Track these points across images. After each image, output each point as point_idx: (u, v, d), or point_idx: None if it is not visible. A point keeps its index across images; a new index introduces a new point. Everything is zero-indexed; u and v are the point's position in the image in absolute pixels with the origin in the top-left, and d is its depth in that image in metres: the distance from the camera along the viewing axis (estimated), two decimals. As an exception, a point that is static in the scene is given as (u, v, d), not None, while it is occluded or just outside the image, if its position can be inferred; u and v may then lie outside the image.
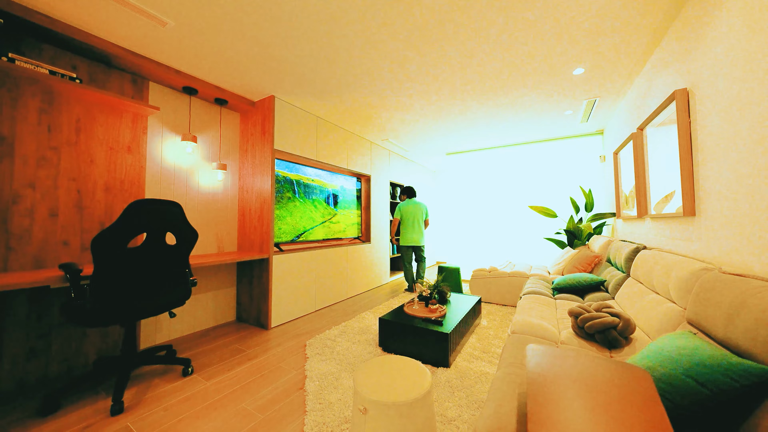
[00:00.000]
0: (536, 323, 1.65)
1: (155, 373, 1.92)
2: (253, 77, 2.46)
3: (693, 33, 1.61)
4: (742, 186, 1.24)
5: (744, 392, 0.74)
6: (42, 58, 1.85)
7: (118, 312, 1.58)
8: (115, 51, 1.99)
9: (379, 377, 1.13)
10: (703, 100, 1.53)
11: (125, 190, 2.21)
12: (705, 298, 1.08)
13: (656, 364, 0.89)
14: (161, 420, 1.46)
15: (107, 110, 2.13)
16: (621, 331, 1.37)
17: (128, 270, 1.59)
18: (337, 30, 1.85)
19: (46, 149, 1.86)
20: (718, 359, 0.81)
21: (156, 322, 2.37)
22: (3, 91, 1.70)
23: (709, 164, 1.49)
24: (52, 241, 1.88)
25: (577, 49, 2.09)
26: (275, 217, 2.94)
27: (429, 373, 1.17)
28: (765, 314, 0.81)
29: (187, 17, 1.74)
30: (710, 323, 1.01)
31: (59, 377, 1.86)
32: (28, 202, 1.79)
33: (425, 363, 2.02)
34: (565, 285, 2.49)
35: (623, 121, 2.97)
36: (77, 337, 1.95)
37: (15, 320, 1.72)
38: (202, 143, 2.73)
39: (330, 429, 1.38)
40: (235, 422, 1.45)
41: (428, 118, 3.44)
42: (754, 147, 1.17)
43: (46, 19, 1.71)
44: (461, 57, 2.15)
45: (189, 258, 2.42)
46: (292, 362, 2.07)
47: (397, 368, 1.20)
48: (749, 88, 1.19)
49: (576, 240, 3.77)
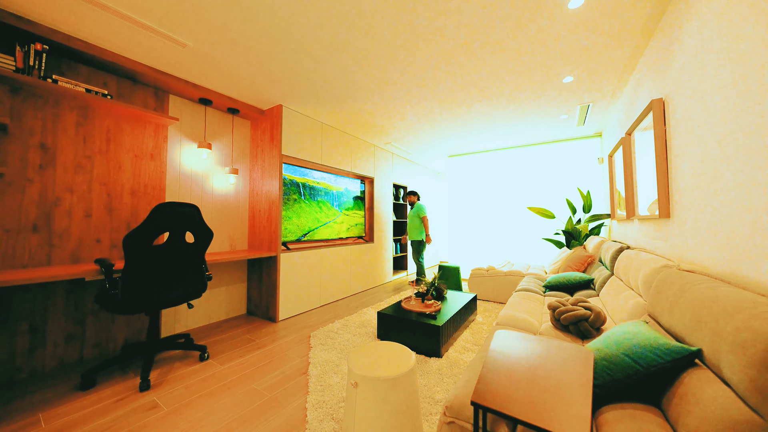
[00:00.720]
0: (519, 316, 1.79)
1: (175, 358, 2.14)
2: (262, 89, 2.67)
3: (667, 46, 1.72)
4: (704, 191, 1.36)
5: (668, 367, 0.87)
6: (78, 77, 2.10)
7: (145, 301, 1.79)
8: (140, 69, 2.22)
9: (370, 358, 1.30)
10: (676, 110, 1.65)
11: (148, 194, 2.44)
12: (658, 291, 1.21)
13: (603, 346, 1.04)
14: (182, 396, 1.67)
15: (133, 121, 2.37)
16: (592, 323, 1.50)
17: (154, 265, 1.81)
18: (339, 50, 2.03)
19: (82, 157, 2.10)
20: (651, 341, 0.95)
21: (175, 313, 2.60)
22: (47, 107, 1.95)
23: (681, 170, 1.60)
24: (86, 238, 2.12)
25: (564, 61, 2.21)
26: (282, 217, 3.15)
27: (414, 355, 1.33)
28: (693, 303, 0.94)
29: (204, 40, 1.95)
30: (660, 313, 1.15)
31: (92, 359, 2.10)
32: (67, 204, 2.03)
33: (419, 353, 2.18)
34: (556, 283, 2.60)
35: (617, 123, 3.06)
36: (107, 325, 2.19)
37: (56, 308, 1.96)
38: (216, 149, 2.96)
39: (329, 406, 1.56)
40: (246, 399, 1.64)
41: (428, 125, 3.60)
42: (715, 154, 1.29)
43: (82, 44, 1.95)
44: (455, 68, 2.31)
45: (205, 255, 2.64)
46: (297, 351, 2.26)
47: (387, 351, 1.37)
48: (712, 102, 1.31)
49: (574, 240, 3.86)
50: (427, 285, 2.77)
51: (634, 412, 0.86)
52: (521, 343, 1.02)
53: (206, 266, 2.17)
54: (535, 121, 3.56)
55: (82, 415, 1.49)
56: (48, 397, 1.64)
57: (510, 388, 0.78)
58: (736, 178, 1.11)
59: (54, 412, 1.52)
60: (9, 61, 1.73)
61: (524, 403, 0.73)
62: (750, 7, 1.01)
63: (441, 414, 1.01)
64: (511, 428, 0.88)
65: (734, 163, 1.12)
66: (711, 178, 1.29)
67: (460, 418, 0.96)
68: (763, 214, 0.97)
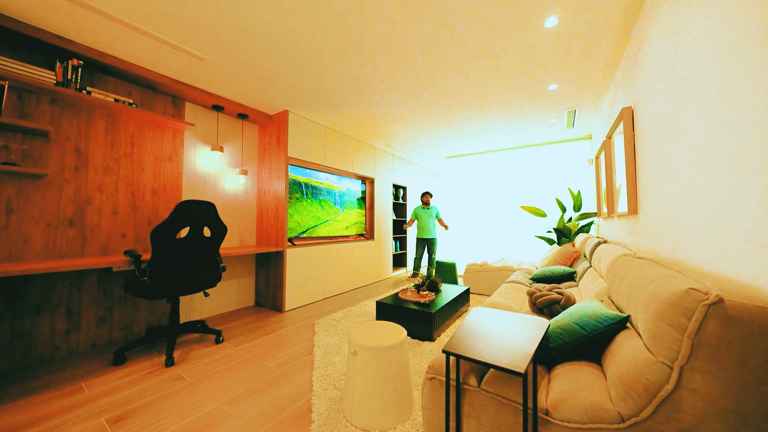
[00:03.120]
0: (501, 302, 2.00)
1: (193, 341, 2.37)
2: (270, 96, 2.89)
3: (635, 56, 1.93)
4: (658, 190, 1.56)
5: (605, 330, 1.08)
6: (107, 88, 2.33)
7: (169, 288, 2.02)
8: (160, 80, 2.45)
9: (368, 333, 1.52)
10: (642, 117, 1.85)
11: (167, 193, 2.68)
12: (614, 274, 1.42)
13: (560, 318, 1.25)
14: (203, 371, 1.89)
15: (153, 127, 2.60)
16: (563, 306, 1.71)
17: (176, 256, 2.04)
18: (339, 65, 2.25)
19: (110, 160, 2.34)
20: (596, 311, 1.16)
21: (191, 303, 2.83)
22: (81, 116, 2.19)
23: (645, 171, 1.81)
24: (113, 233, 2.35)
25: (547, 71, 2.42)
26: (288, 215, 3.37)
27: (404, 331, 1.55)
28: (629, 281, 1.15)
29: (219, 53, 2.18)
30: (614, 292, 1.35)
31: (120, 341, 2.33)
32: (97, 202, 2.27)
33: (414, 338, 2.40)
34: (542, 276, 2.81)
35: (603, 127, 3.26)
36: (132, 311, 2.42)
37: (90, 295, 2.19)
38: (227, 152, 3.19)
39: (332, 379, 1.78)
40: (259, 374, 1.86)
41: (425, 127, 3.81)
42: (666, 155, 1.49)
43: (112, 58, 2.18)
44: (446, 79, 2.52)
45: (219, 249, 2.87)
46: (303, 336, 2.48)
47: (382, 329, 1.58)
48: (667, 109, 1.51)
49: (564, 238, 4.06)
50: (423, 278, 2.98)
51: (579, 366, 1.06)
52: (492, 316, 1.23)
53: (221, 258, 2.39)
54: (527, 125, 3.77)
55: (118, 384, 1.72)
56: (87, 371, 1.87)
57: (475, 344, 1.00)
58: (677, 178, 1.32)
59: (94, 381, 1.75)
60: (51, 76, 1.96)
61: (485, 352, 0.94)
62: (701, 17, 1.22)
63: (425, 373, 1.22)
64: (478, 378, 1.09)
65: (676, 164, 1.33)
66: (663, 178, 1.50)
67: (439, 375, 1.17)
68: (692, 214, 1.18)
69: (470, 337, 1.04)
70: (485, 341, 1.01)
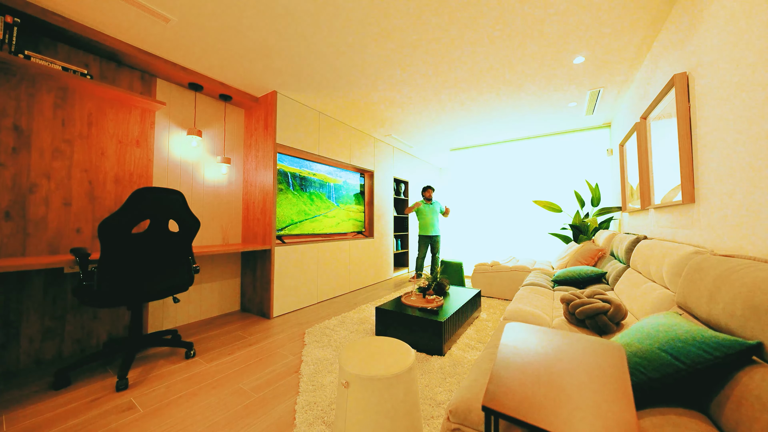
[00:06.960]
0: (528, 310, 1.64)
1: (161, 355, 2.01)
2: (255, 73, 2.53)
3: (692, 15, 1.57)
4: (737, 171, 1.21)
5: (717, 364, 0.73)
6: (57, 57, 1.97)
7: (123, 294, 1.66)
8: (124, 49, 2.09)
9: (364, 355, 1.16)
10: (702, 85, 1.49)
11: (134, 182, 2.31)
12: (692, 279, 1.06)
13: (633, 341, 0.89)
14: (162, 396, 1.54)
15: (117, 105, 2.24)
16: (611, 317, 1.35)
17: (133, 254, 1.68)
18: (336, 28, 1.89)
19: (60, 142, 1.98)
20: (693, 334, 0.80)
21: (164, 309, 2.47)
22: (21, 87, 1.82)
23: (708, 150, 1.45)
24: (65, 228, 1.99)
25: (576, 37, 2.06)
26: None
27: (413, 352, 1.19)
28: (743, 288, 0.80)
29: (188, 13, 1.82)
30: (695, 303, 1.00)
31: (72, 356, 1.97)
32: (44, 191, 1.91)
33: (420, 351, 2.04)
34: (565, 278, 2.45)
35: (629, 111, 2.90)
36: (89, 320, 2.06)
37: (33, 302, 1.83)
38: (207, 138, 2.83)
39: (320, 408, 1.42)
40: (230, 400, 1.51)
41: (430, 114, 3.45)
42: (749, 133, 1.14)
43: (60, 18, 1.82)
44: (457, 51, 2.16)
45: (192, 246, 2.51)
46: (290, 348, 2.12)
47: (383, 348, 1.22)
48: (744, 73, 1.15)
49: (581, 235, 3.70)
50: (428, 280, 2.63)
51: (678, 419, 0.71)
52: (536, 337, 0.87)
53: (193, 258, 2.04)
54: (542, 110, 3.40)
55: (49, 417, 1.36)
56: (16, 397, 1.51)
57: (527, 390, 0.64)
58: None
59: (20, 413, 1.39)
60: (-23, 35, 1.60)
61: (546, 407, 0.59)
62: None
63: (444, 419, 0.87)
64: (528, 437, 0.74)
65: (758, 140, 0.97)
66: (735, 157, 1.14)
67: (467, 425, 0.82)
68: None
69: (514, 375, 0.68)
70: (545, 387, 0.65)
